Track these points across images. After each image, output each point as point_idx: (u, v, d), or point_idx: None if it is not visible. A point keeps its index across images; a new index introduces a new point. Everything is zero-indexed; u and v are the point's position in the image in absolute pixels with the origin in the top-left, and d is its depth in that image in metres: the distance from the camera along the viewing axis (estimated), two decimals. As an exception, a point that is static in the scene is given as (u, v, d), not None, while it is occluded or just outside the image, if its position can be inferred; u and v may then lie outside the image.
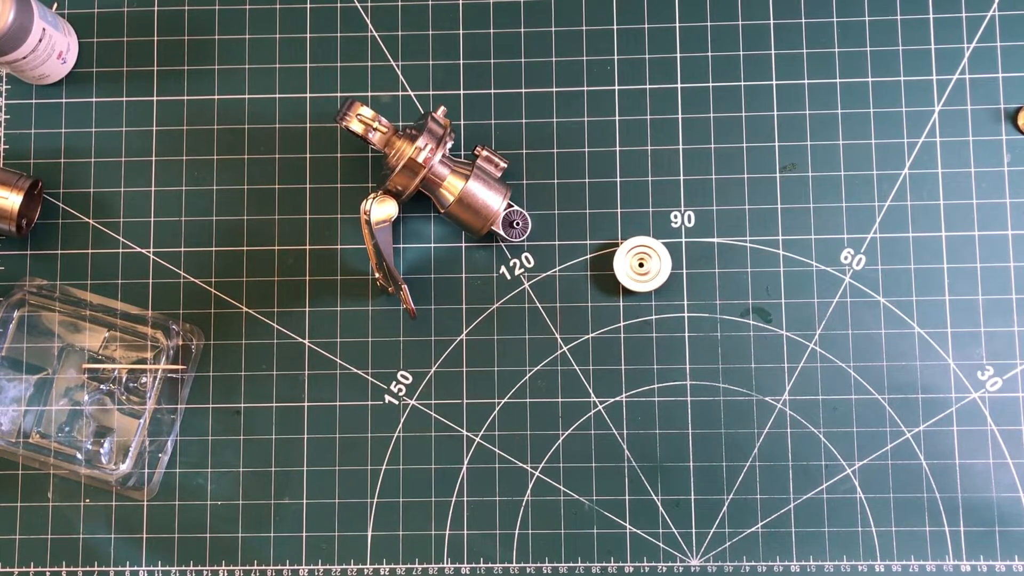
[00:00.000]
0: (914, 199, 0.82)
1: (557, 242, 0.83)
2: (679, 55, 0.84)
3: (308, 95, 0.84)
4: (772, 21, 0.83)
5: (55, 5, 0.85)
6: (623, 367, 0.81)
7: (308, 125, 0.84)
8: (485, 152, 0.80)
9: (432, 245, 0.83)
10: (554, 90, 0.84)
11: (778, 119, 0.83)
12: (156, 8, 0.85)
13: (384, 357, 0.82)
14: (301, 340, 0.82)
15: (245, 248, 0.83)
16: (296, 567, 0.81)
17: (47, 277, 0.83)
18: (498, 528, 0.81)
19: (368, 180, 0.84)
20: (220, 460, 0.82)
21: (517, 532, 0.81)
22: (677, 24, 0.84)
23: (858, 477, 0.80)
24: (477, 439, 0.81)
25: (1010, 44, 0.82)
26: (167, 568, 0.81)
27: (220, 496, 0.81)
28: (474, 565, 0.80)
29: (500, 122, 0.84)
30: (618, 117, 0.83)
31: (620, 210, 0.83)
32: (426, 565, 0.80)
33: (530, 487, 0.81)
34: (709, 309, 0.82)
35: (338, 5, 0.85)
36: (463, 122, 0.84)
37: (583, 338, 0.82)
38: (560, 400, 0.81)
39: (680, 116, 0.83)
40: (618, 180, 0.83)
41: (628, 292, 0.82)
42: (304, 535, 0.81)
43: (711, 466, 0.80)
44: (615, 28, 0.84)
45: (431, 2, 0.85)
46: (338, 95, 0.84)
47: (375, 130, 0.77)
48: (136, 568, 0.81)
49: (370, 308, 0.83)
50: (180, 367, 0.81)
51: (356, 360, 0.82)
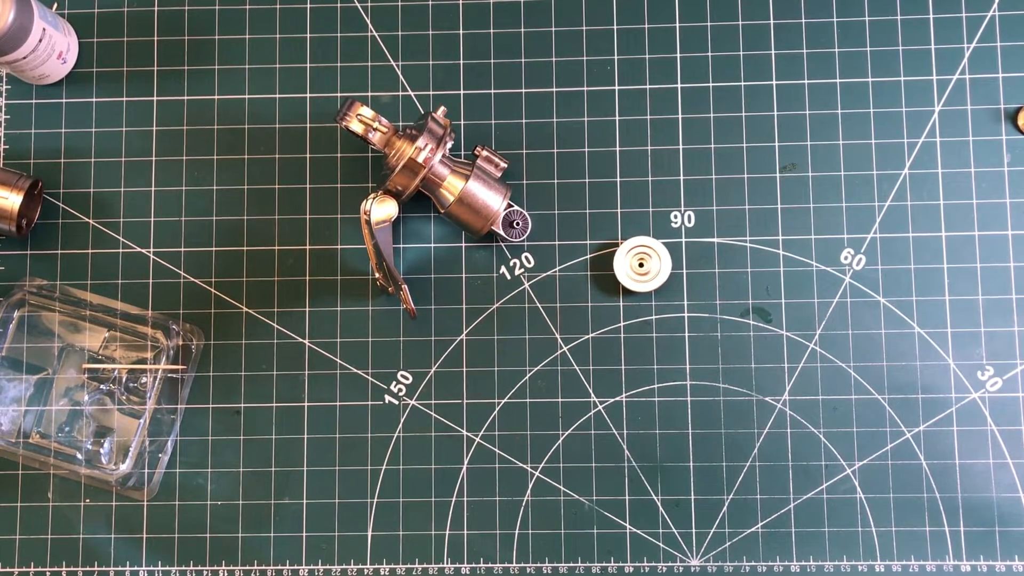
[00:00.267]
0: (914, 199, 0.82)
1: (557, 242, 0.83)
2: (679, 55, 0.84)
3: (308, 95, 0.84)
4: (772, 21, 0.83)
5: (55, 5, 0.85)
6: (623, 367, 0.81)
7: (308, 125, 0.84)
8: (485, 152, 0.80)
9: (432, 245, 0.83)
10: (554, 90, 0.84)
11: (778, 119, 0.83)
12: (156, 8, 0.85)
13: (384, 357, 0.82)
14: (301, 340, 0.82)
15: (245, 248, 0.83)
16: (296, 567, 0.81)
17: (47, 277, 0.83)
18: (498, 528, 0.81)
19: (368, 180, 0.84)
20: (220, 460, 0.82)
21: (517, 532, 0.81)
22: (677, 24, 0.84)
23: (858, 477, 0.80)
24: (477, 439, 0.81)
25: (1010, 44, 0.82)
26: (167, 568, 0.81)
27: (220, 496, 0.81)
28: (474, 565, 0.80)
29: (500, 122, 0.84)
30: (618, 117, 0.83)
31: (620, 210, 0.83)
32: (426, 565, 0.80)
33: (530, 487, 0.81)
34: (709, 309, 0.82)
35: (338, 5, 0.85)
36: (463, 122, 0.84)
37: (583, 338, 0.82)
38: (560, 400, 0.81)
39: (680, 116, 0.83)
40: (618, 180, 0.83)
41: (628, 292, 0.82)
42: (304, 535, 0.81)
43: (711, 466, 0.80)
44: (615, 28, 0.84)
45: (431, 2, 0.85)
46: (338, 95, 0.84)
47: (375, 130, 0.77)
48: (136, 568, 0.81)
49: (370, 308, 0.83)
50: (180, 367, 0.81)
51: (356, 360, 0.82)
